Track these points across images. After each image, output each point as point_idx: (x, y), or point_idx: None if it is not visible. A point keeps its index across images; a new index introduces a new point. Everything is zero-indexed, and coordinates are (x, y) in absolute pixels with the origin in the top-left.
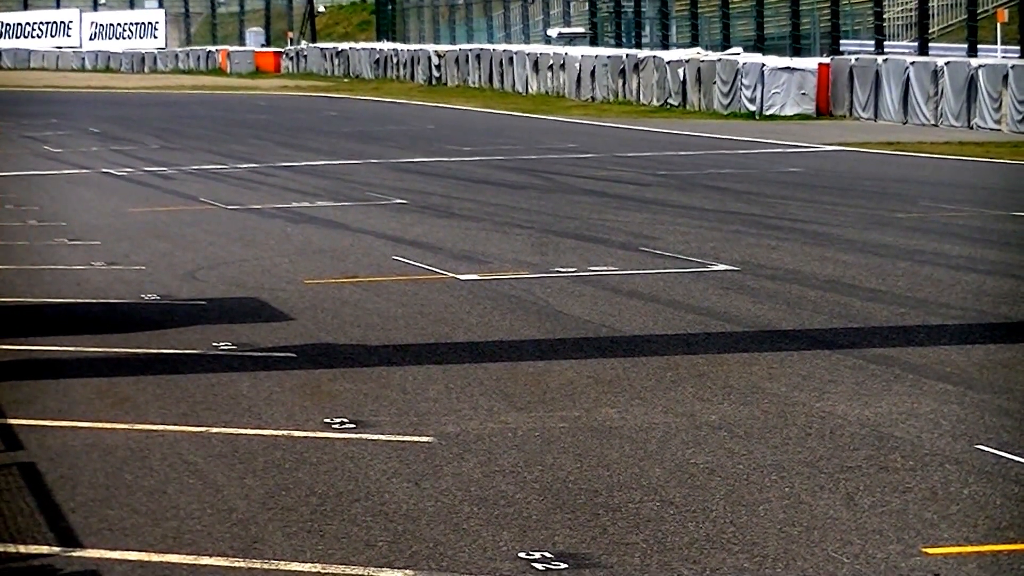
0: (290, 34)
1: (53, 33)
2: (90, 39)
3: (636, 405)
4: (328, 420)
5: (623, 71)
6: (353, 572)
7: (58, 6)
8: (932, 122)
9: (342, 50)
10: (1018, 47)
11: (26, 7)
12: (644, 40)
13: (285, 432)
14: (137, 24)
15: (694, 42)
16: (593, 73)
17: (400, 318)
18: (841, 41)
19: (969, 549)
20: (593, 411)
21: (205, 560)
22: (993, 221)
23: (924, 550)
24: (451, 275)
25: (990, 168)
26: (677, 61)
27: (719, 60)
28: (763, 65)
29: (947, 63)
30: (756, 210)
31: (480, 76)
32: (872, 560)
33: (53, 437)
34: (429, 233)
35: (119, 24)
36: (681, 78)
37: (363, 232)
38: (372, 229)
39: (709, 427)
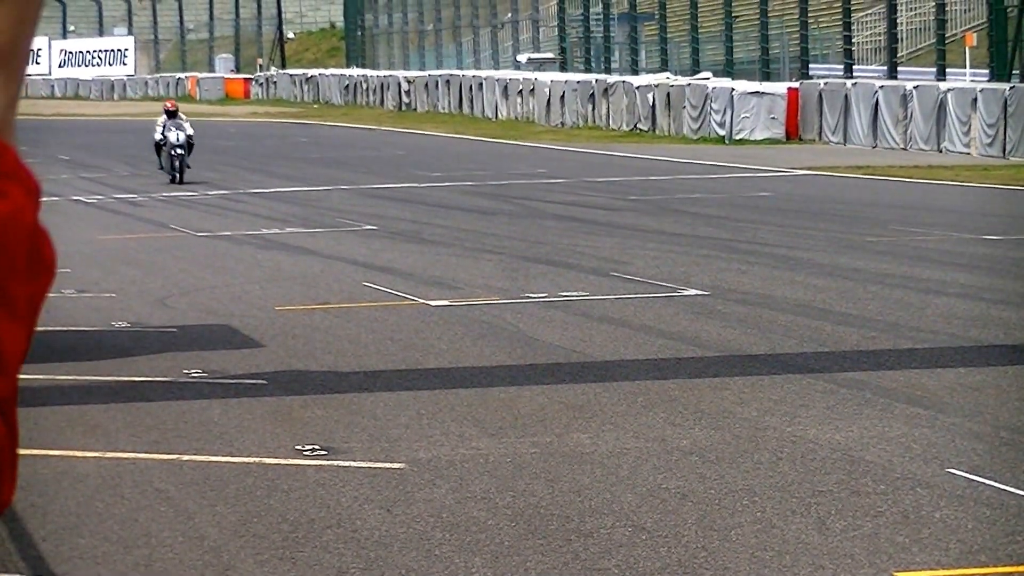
0: (260, 60)
1: None
2: (59, 66)
3: (607, 430)
4: (299, 447)
5: (592, 96)
6: None
7: None
8: (901, 146)
9: (312, 76)
10: (987, 71)
11: None
12: (613, 65)
13: (256, 459)
14: (106, 51)
15: (663, 67)
16: (563, 98)
17: (371, 344)
18: (810, 65)
19: (941, 573)
20: (564, 437)
21: None
22: (963, 244)
23: (896, 574)
24: (421, 301)
25: (959, 192)
26: (646, 86)
27: (688, 85)
28: (732, 90)
29: (916, 87)
30: (726, 234)
31: (450, 102)
32: None
33: (24, 465)
34: (399, 259)
35: (88, 51)
36: (651, 103)
37: (333, 258)
38: (342, 255)
39: (680, 452)
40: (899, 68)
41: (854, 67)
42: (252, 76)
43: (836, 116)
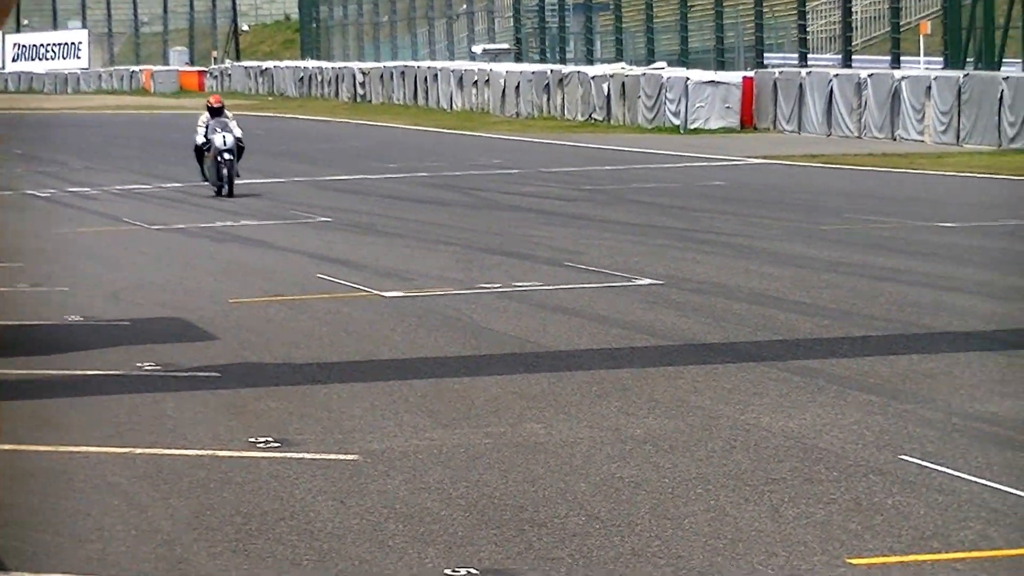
0: (214, 53)
1: None
2: (13, 60)
3: (561, 420)
4: (253, 439)
5: (548, 86)
6: None
7: None
8: (856, 134)
9: (266, 68)
10: (941, 59)
11: None
12: (568, 55)
13: (210, 452)
14: (60, 45)
15: (618, 57)
16: (518, 89)
17: (325, 336)
18: (765, 55)
19: (893, 559)
20: (518, 427)
21: None
22: (916, 232)
23: (848, 561)
24: (376, 292)
25: (913, 180)
26: (601, 76)
27: (643, 74)
28: (687, 79)
29: (870, 75)
30: (681, 224)
31: (405, 93)
32: (797, 571)
33: None
34: (354, 251)
35: (43, 45)
36: (605, 93)
37: (288, 250)
38: (297, 247)
39: (634, 441)
40: (854, 57)
41: (809, 56)
42: (207, 69)
43: (791, 105)
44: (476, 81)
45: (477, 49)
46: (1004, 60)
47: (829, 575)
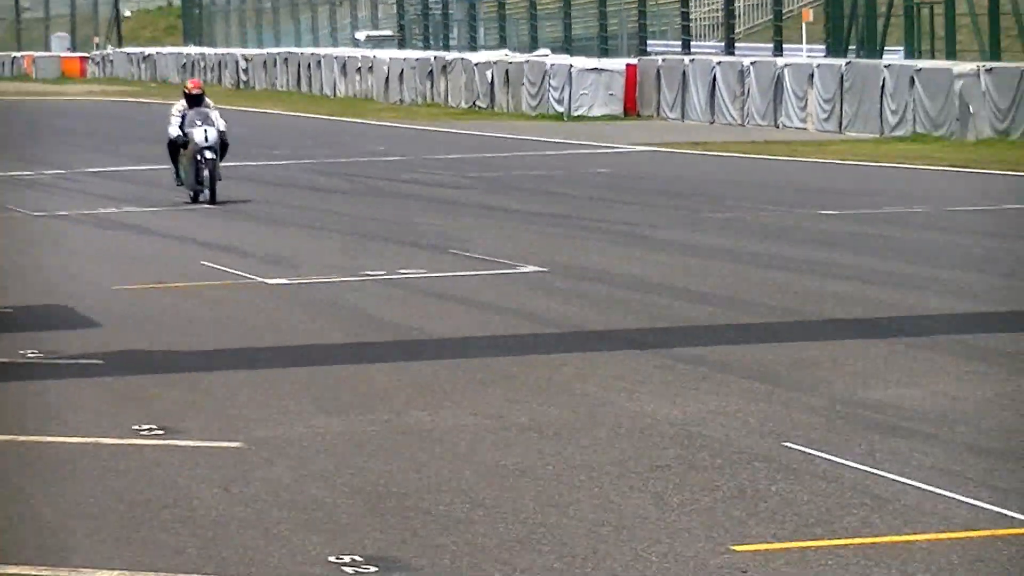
0: (96, 39)
1: None
2: None
3: (446, 407)
4: (136, 426)
5: (431, 73)
6: None
7: None
8: (739, 122)
9: (148, 55)
10: (823, 46)
11: None
12: (452, 42)
13: (92, 439)
14: None
15: (502, 44)
16: (401, 76)
17: (208, 323)
18: (648, 42)
19: (777, 546)
20: (403, 414)
21: (12, 569)
22: (798, 220)
23: (733, 548)
24: (260, 280)
25: (796, 167)
26: (485, 63)
27: (527, 62)
28: (571, 66)
29: (753, 63)
30: (565, 211)
31: (288, 79)
32: (681, 558)
33: None
34: (238, 237)
35: None
36: (489, 80)
37: (171, 237)
38: (180, 234)
39: (519, 428)
40: (736, 44)
41: (692, 43)
42: (89, 55)
43: (674, 92)
44: (360, 68)
45: (360, 35)
46: (886, 48)
47: (713, 562)
